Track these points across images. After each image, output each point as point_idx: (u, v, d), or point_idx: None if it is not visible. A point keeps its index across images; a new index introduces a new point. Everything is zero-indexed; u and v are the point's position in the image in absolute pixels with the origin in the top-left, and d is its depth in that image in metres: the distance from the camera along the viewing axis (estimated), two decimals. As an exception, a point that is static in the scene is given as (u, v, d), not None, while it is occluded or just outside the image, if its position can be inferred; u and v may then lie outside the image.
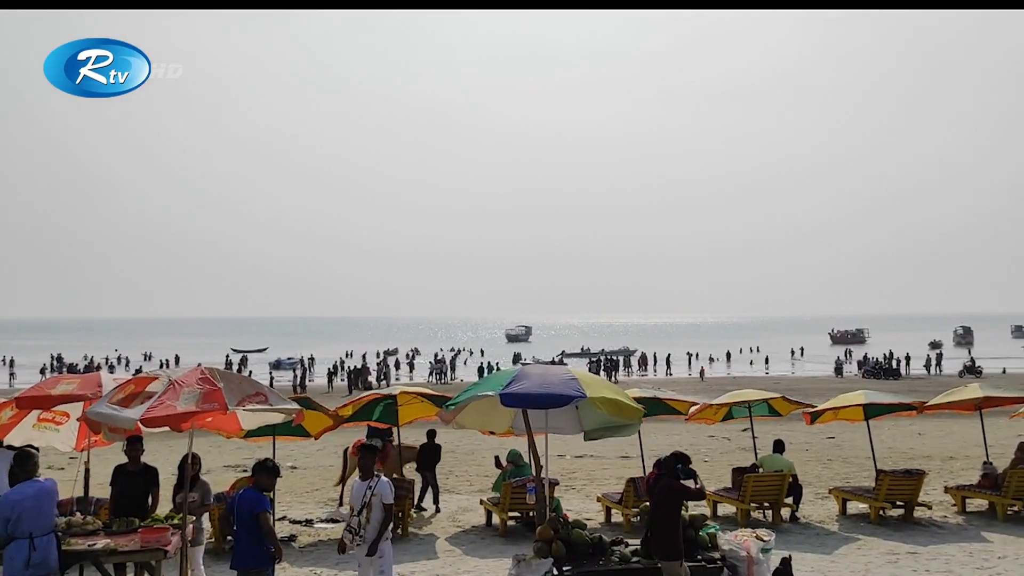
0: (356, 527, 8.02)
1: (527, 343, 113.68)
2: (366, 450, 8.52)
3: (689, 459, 8.39)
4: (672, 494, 7.98)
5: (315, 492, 16.19)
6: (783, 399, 14.69)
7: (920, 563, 10.69)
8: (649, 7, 10.28)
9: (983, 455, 14.93)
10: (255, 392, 8.13)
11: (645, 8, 11.73)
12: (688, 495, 8.07)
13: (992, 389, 14.90)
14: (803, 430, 21.73)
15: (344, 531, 8.21)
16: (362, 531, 7.99)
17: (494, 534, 12.56)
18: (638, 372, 63.01)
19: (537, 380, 8.74)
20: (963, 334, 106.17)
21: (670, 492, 7.98)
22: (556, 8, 9.69)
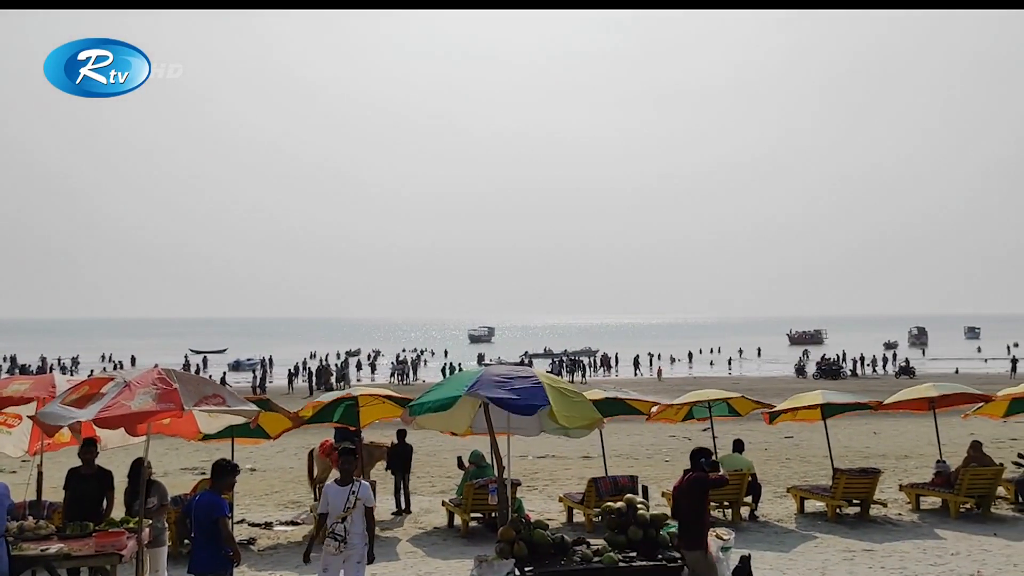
0: (342, 533, 7.71)
1: (490, 344, 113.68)
2: (346, 454, 8.10)
3: (710, 452, 8.52)
4: (696, 485, 8.14)
5: (274, 494, 16.02)
6: (743, 399, 14.86)
7: (876, 560, 10.86)
8: (610, 7, 10.28)
9: (936, 454, 15.24)
10: (212, 393, 8.03)
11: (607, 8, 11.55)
12: (709, 483, 8.17)
13: (945, 389, 15.22)
14: (762, 429, 21.99)
15: (328, 538, 7.74)
16: (348, 537, 7.70)
17: (456, 535, 12.53)
18: (601, 373, 63.30)
19: (501, 382, 8.73)
20: (918, 335, 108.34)
21: (693, 483, 8.15)
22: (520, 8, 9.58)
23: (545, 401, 8.33)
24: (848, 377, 53.87)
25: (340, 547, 7.71)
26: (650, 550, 8.47)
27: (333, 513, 7.79)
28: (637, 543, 8.54)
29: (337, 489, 7.89)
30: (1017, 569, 10.25)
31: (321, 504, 7.96)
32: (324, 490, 8.03)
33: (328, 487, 8.01)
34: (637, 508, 8.87)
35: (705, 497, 8.21)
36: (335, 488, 7.91)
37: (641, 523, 8.70)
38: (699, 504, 8.14)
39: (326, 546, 7.78)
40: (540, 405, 8.34)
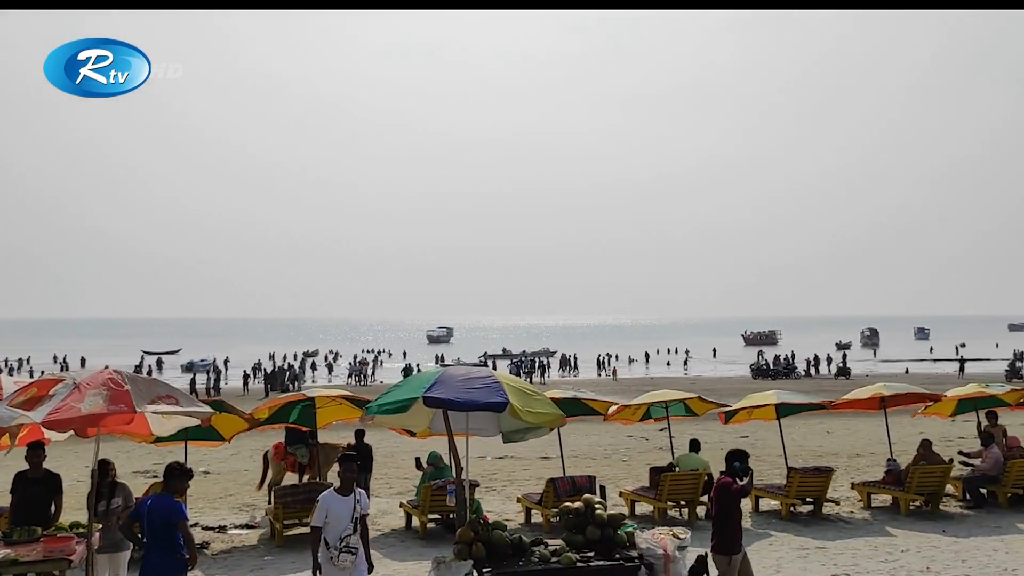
0: (356, 546, 7.37)
1: (448, 344, 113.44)
2: (348, 461, 7.60)
3: (746, 455, 8.41)
4: (719, 492, 8.21)
5: (229, 497, 15.80)
6: (699, 399, 15.00)
7: (828, 557, 11.04)
8: (573, 7, 10.32)
9: (887, 452, 15.53)
10: (165, 394, 7.90)
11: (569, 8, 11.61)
12: (731, 494, 8.15)
13: (896, 389, 15.55)
14: (718, 429, 22.21)
15: (342, 553, 7.28)
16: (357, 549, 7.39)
17: (414, 537, 12.47)
18: (559, 373, 63.52)
19: (460, 383, 8.71)
20: (870, 336, 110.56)
21: (718, 490, 8.25)
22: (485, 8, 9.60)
23: (504, 399, 8.32)
24: (802, 377, 54.74)
25: (354, 561, 7.37)
26: (607, 550, 8.50)
27: (337, 525, 7.34)
28: (595, 543, 8.56)
29: (339, 499, 7.45)
30: (965, 565, 10.49)
31: (318, 516, 7.41)
32: (322, 501, 7.47)
33: (328, 498, 7.49)
34: (595, 508, 8.90)
35: (730, 503, 8.16)
36: (336, 498, 7.46)
37: (599, 523, 8.72)
38: (724, 509, 8.17)
39: (340, 561, 7.31)
40: (500, 403, 8.33)
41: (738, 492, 8.19)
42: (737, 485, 8.19)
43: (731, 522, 8.20)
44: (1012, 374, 49.09)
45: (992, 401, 15.92)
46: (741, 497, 8.25)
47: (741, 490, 8.21)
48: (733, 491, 8.18)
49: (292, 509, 12.02)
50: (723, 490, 8.20)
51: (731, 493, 8.18)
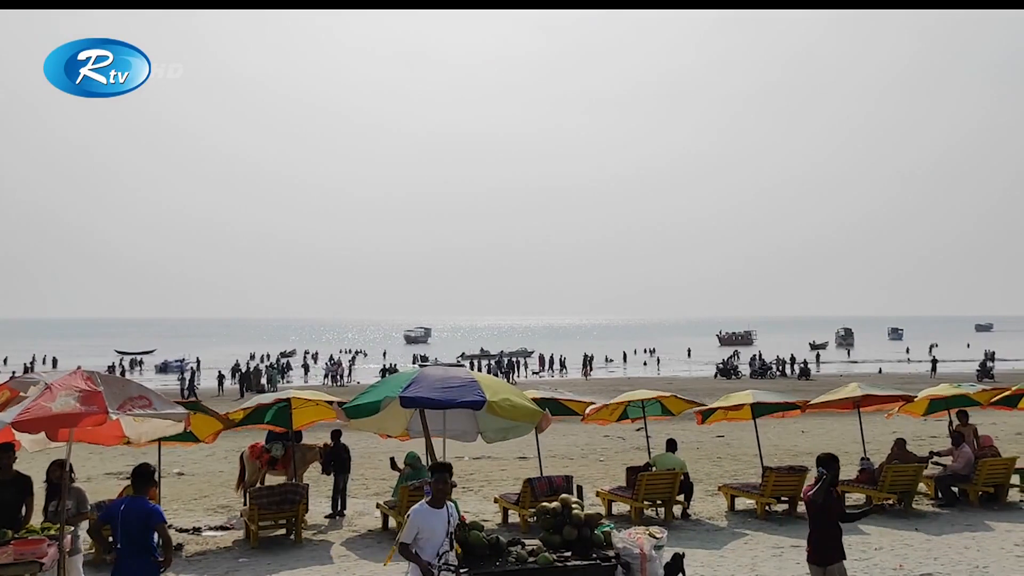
0: (455, 563, 6.97)
1: (426, 344, 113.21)
2: (441, 471, 7.03)
3: (830, 459, 7.68)
4: (808, 502, 7.77)
5: (203, 499, 15.67)
6: (676, 398, 15.07)
7: (803, 555, 11.04)
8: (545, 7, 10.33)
9: (861, 451, 15.68)
10: (138, 395, 7.80)
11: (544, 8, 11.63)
12: (805, 499, 7.81)
13: (869, 388, 15.72)
14: (694, 429, 22.33)
15: (439, 571, 6.78)
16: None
17: (391, 538, 12.39)
18: (538, 373, 63.57)
19: (437, 382, 8.69)
20: (844, 336, 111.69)
21: (807, 501, 7.78)
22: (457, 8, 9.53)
23: (482, 397, 8.32)
24: (776, 377, 55.18)
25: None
26: (584, 549, 8.51)
27: (432, 540, 6.83)
28: (572, 543, 8.57)
29: (432, 513, 6.90)
30: (937, 563, 10.61)
31: (408, 532, 6.82)
32: (414, 516, 6.89)
33: (421, 512, 6.90)
34: (572, 508, 8.91)
35: (812, 510, 7.66)
36: (429, 512, 6.89)
37: (576, 523, 8.73)
38: (809, 517, 7.73)
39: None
40: (478, 401, 8.32)
41: (808, 500, 7.69)
42: (806, 492, 7.74)
43: (816, 530, 7.65)
44: (983, 374, 49.69)
45: (963, 400, 16.13)
46: (816, 503, 7.59)
47: (811, 498, 7.65)
48: (804, 498, 7.77)
49: (267, 511, 11.94)
50: (809, 501, 7.72)
51: (806, 500, 7.75)
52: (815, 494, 7.60)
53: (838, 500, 7.76)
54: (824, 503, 7.58)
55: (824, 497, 7.55)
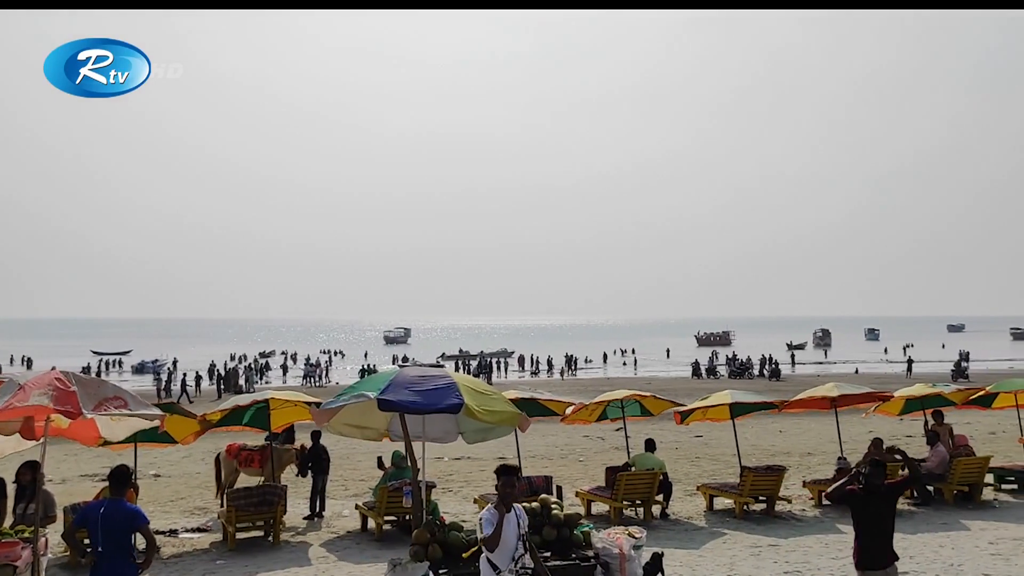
0: (530, 566, 6.66)
1: (406, 345, 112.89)
2: (507, 474, 6.69)
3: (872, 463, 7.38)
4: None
5: (180, 501, 15.55)
6: (654, 398, 15.12)
7: (780, 555, 11.19)
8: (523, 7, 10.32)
9: (838, 451, 15.80)
10: (113, 396, 7.71)
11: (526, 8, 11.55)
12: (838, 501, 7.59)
13: (846, 388, 15.86)
14: (673, 429, 22.41)
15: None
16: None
17: (370, 539, 12.37)
18: (515, 374, 63.63)
19: (414, 384, 8.63)
20: (822, 336, 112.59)
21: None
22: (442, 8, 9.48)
23: (460, 400, 8.28)
24: (755, 377, 55.54)
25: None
26: (564, 550, 8.53)
27: (506, 545, 6.52)
28: (552, 543, 8.59)
29: (498, 516, 6.58)
30: (913, 561, 10.70)
31: (487, 528, 6.55)
32: (489, 518, 6.57)
33: (493, 516, 6.57)
34: (551, 508, 8.93)
35: (852, 512, 7.36)
36: (496, 514, 6.58)
37: (555, 523, 8.75)
38: (856, 518, 7.34)
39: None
40: (455, 404, 8.28)
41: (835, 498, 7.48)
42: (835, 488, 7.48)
43: (860, 533, 7.32)
44: (957, 374, 50.26)
45: (939, 400, 16.32)
46: (848, 502, 7.34)
47: (827, 495, 7.49)
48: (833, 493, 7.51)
49: (245, 512, 11.85)
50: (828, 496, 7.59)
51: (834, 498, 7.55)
52: (833, 491, 7.45)
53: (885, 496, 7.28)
54: (864, 503, 7.23)
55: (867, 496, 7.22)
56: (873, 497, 7.22)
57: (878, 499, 7.22)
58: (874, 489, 7.21)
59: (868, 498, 7.22)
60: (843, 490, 7.32)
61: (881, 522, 7.24)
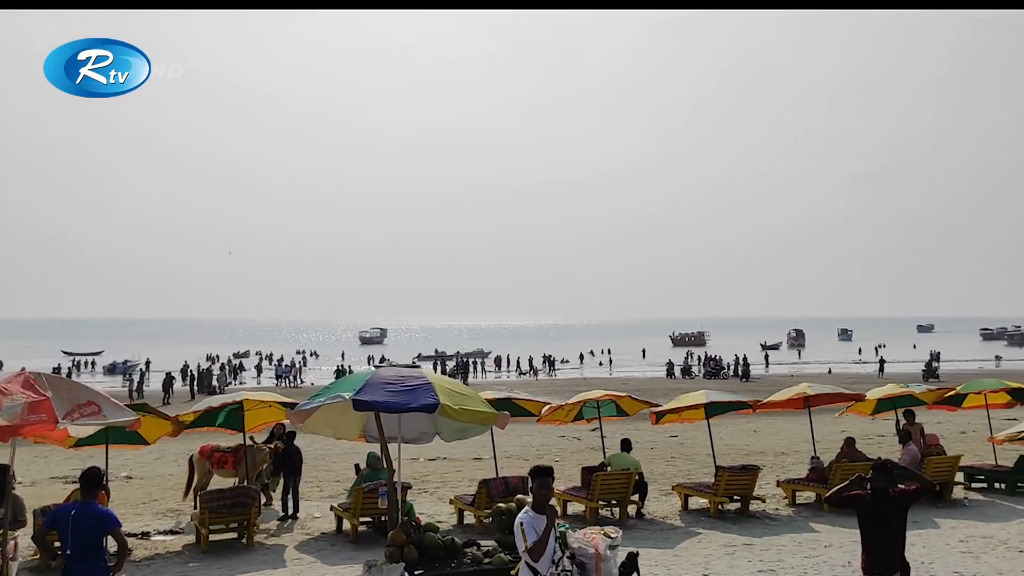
0: (570, 569, 6.64)
1: (382, 345, 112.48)
2: (543, 475, 6.58)
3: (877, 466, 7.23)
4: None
5: (152, 503, 15.39)
6: (630, 399, 15.17)
7: (755, 554, 11.27)
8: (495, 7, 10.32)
9: (811, 450, 15.95)
10: (87, 401, 7.62)
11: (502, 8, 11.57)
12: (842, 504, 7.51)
13: (819, 388, 16.01)
14: (649, 429, 22.48)
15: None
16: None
17: (345, 540, 12.31)
18: (491, 374, 63.62)
19: (390, 385, 8.61)
20: (796, 337, 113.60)
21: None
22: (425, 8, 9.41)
23: (436, 400, 8.26)
24: (730, 377, 55.91)
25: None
26: (540, 550, 8.52)
27: (548, 549, 6.46)
28: (527, 543, 8.57)
29: (539, 518, 6.47)
30: (884, 559, 10.80)
31: (530, 534, 6.41)
32: (528, 521, 6.44)
33: (533, 519, 6.45)
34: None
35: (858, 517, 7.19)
36: (537, 518, 6.46)
37: (531, 523, 8.74)
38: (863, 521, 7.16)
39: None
40: (431, 404, 8.26)
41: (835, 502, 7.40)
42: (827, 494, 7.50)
43: (866, 539, 7.17)
44: (928, 374, 50.87)
45: (910, 400, 16.53)
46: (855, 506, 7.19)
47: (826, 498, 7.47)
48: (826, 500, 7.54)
49: (218, 514, 11.75)
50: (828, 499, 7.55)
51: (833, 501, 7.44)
52: (831, 495, 7.36)
53: (895, 502, 7.08)
54: (870, 507, 7.08)
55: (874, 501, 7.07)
56: (881, 502, 7.06)
57: (886, 504, 7.05)
58: (882, 493, 7.07)
59: (875, 502, 7.07)
60: (843, 495, 7.22)
61: (888, 528, 7.06)
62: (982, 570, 10.31)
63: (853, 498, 7.16)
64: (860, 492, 7.13)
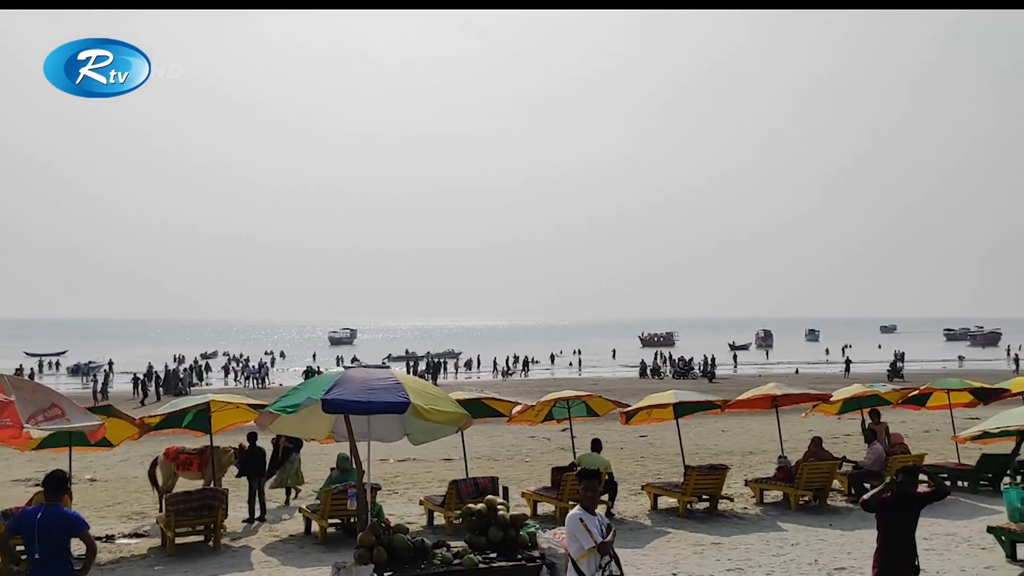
0: (616, 573, 6.56)
1: (352, 346, 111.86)
2: (589, 478, 6.68)
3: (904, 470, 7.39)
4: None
5: (117, 506, 15.17)
6: (600, 399, 15.23)
7: (723, 553, 11.35)
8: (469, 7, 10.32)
9: (779, 450, 16.11)
10: (50, 404, 7.50)
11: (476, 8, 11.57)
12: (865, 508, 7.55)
13: (787, 388, 16.19)
14: (619, 429, 22.58)
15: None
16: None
17: (313, 542, 12.22)
18: (462, 375, 63.54)
19: (360, 385, 8.56)
20: (764, 337, 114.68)
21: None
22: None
23: (406, 399, 8.23)
24: (699, 378, 56.30)
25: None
26: (510, 550, 8.53)
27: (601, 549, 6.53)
28: (497, 544, 8.59)
29: (592, 519, 6.58)
30: (850, 557, 10.95)
31: (584, 538, 6.50)
32: (577, 522, 6.55)
33: (584, 519, 6.55)
34: (497, 509, 8.92)
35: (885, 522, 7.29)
36: (589, 518, 6.56)
37: (501, 524, 8.75)
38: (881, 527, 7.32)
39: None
40: (401, 403, 8.22)
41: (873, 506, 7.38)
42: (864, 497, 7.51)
43: (884, 541, 7.33)
44: (893, 374, 51.56)
45: (875, 400, 16.75)
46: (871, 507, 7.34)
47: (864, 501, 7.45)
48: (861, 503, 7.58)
49: (185, 517, 11.62)
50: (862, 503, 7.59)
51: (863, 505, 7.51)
52: (872, 499, 7.36)
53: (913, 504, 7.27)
54: (893, 509, 7.23)
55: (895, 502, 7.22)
56: (902, 504, 7.23)
57: (906, 507, 7.24)
58: (904, 496, 7.22)
59: (897, 504, 7.22)
60: (880, 498, 7.31)
61: (906, 530, 7.25)
62: (945, 567, 10.46)
63: (883, 501, 7.26)
64: (886, 495, 7.27)
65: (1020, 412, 12.44)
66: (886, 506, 7.27)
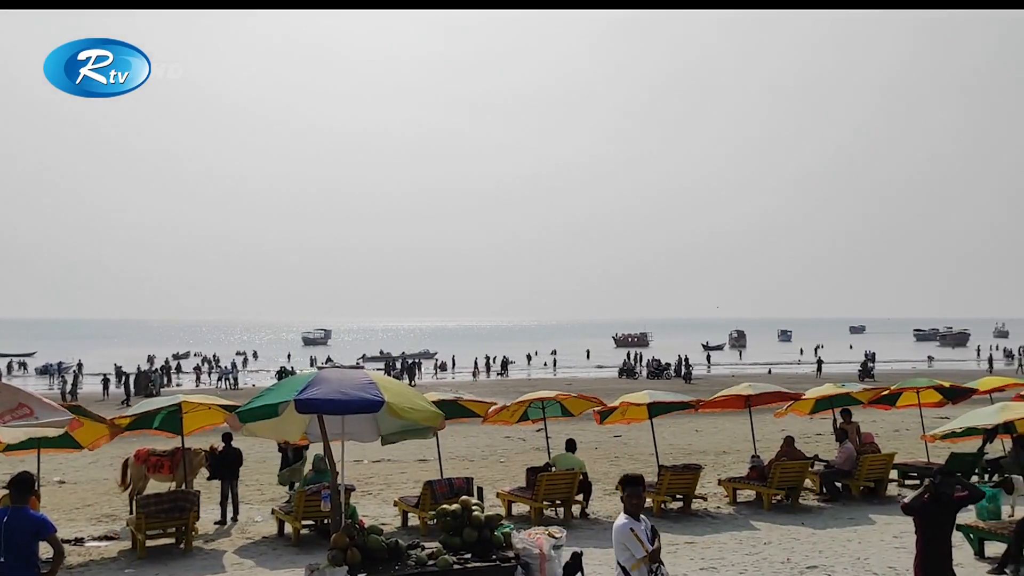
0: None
1: (326, 346, 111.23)
2: (634, 484, 6.65)
3: (942, 471, 7.60)
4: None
5: (86, 508, 14.98)
6: (575, 399, 15.26)
7: (696, 552, 11.42)
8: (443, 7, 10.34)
9: (751, 449, 16.23)
10: (18, 404, 7.39)
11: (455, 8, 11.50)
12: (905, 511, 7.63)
13: (759, 388, 16.32)
14: (593, 429, 22.63)
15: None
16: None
17: (286, 544, 12.14)
18: (436, 375, 63.44)
19: (334, 385, 8.50)
20: (737, 338, 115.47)
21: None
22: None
23: (380, 398, 8.19)
24: (673, 378, 56.59)
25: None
26: (484, 551, 8.51)
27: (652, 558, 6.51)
28: (472, 545, 8.56)
29: (639, 526, 6.55)
30: (822, 555, 11.06)
31: (636, 546, 6.45)
32: (627, 531, 6.51)
33: (630, 525, 6.54)
34: (472, 510, 8.89)
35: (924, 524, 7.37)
36: (636, 525, 6.54)
37: (476, 524, 8.73)
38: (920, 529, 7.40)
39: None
40: (376, 402, 8.18)
41: (904, 507, 7.54)
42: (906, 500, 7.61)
43: (923, 543, 7.39)
44: (864, 374, 52.09)
45: (847, 399, 16.92)
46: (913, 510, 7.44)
47: (906, 504, 7.53)
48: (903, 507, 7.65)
49: (156, 519, 11.50)
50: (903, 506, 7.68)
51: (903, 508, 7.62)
52: (914, 502, 7.42)
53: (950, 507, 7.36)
54: (931, 512, 7.29)
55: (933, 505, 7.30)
56: (939, 506, 7.30)
57: (942, 509, 7.31)
58: (941, 498, 7.30)
59: (935, 507, 7.29)
60: (920, 501, 7.39)
61: (942, 531, 7.31)
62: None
63: (923, 504, 7.33)
64: (927, 498, 7.35)
65: (986, 412, 12.59)
66: (924, 509, 7.33)
